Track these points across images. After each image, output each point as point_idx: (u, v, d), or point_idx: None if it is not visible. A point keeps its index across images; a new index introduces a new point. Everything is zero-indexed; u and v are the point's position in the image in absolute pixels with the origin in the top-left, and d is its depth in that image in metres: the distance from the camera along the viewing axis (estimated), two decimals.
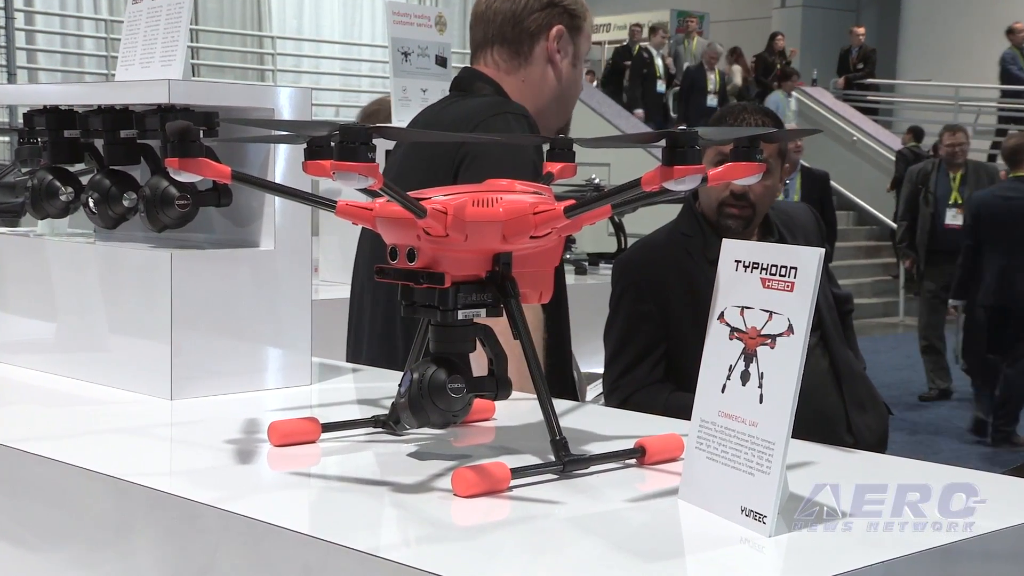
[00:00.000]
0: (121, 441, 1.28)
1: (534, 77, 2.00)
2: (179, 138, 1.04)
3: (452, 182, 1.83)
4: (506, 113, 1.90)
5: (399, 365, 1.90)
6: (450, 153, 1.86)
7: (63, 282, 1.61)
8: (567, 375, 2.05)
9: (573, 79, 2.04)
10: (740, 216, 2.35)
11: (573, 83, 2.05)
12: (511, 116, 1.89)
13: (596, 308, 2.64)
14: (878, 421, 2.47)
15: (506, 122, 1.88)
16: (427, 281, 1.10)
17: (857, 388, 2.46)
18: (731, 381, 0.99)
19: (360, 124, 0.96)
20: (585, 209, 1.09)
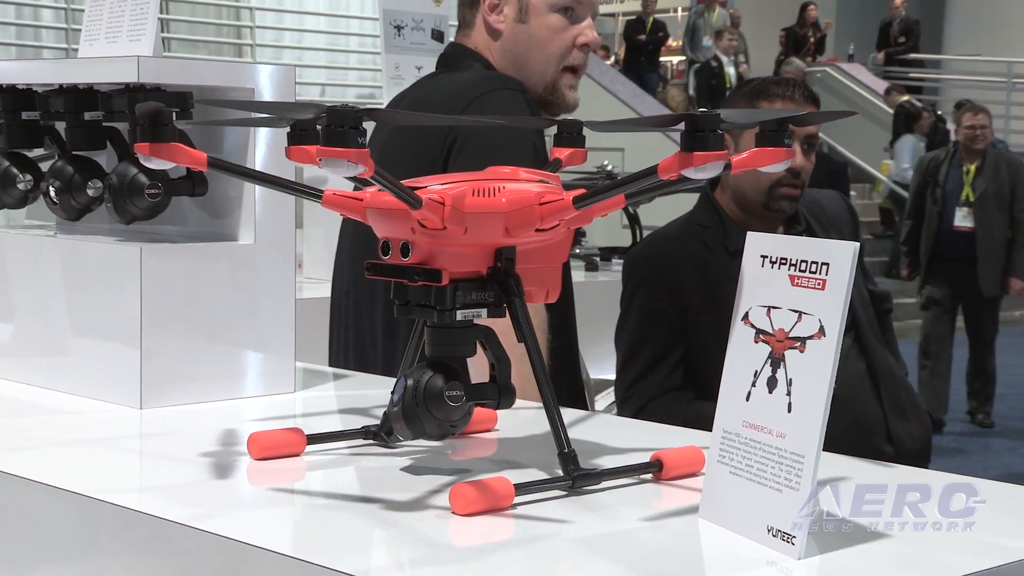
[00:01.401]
0: (86, 454, 1.29)
1: (507, 32, 1.99)
2: (150, 121, 1.04)
3: (442, 168, 1.84)
4: (502, 89, 1.90)
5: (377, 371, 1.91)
6: (439, 136, 1.86)
7: (21, 280, 1.62)
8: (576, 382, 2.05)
9: (528, 34, 2.01)
10: (795, 197, 2.36)
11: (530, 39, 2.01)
12: (507, 92, 1.89)
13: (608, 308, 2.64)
14: (921, 430, 2.47)
15: (502, 100, 1.88)
16: (422, 278, 1.10)
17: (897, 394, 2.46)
18: (756, 388, 1.00)
19: (350, 106, 0.97)
20: (596, 199, 1.10)
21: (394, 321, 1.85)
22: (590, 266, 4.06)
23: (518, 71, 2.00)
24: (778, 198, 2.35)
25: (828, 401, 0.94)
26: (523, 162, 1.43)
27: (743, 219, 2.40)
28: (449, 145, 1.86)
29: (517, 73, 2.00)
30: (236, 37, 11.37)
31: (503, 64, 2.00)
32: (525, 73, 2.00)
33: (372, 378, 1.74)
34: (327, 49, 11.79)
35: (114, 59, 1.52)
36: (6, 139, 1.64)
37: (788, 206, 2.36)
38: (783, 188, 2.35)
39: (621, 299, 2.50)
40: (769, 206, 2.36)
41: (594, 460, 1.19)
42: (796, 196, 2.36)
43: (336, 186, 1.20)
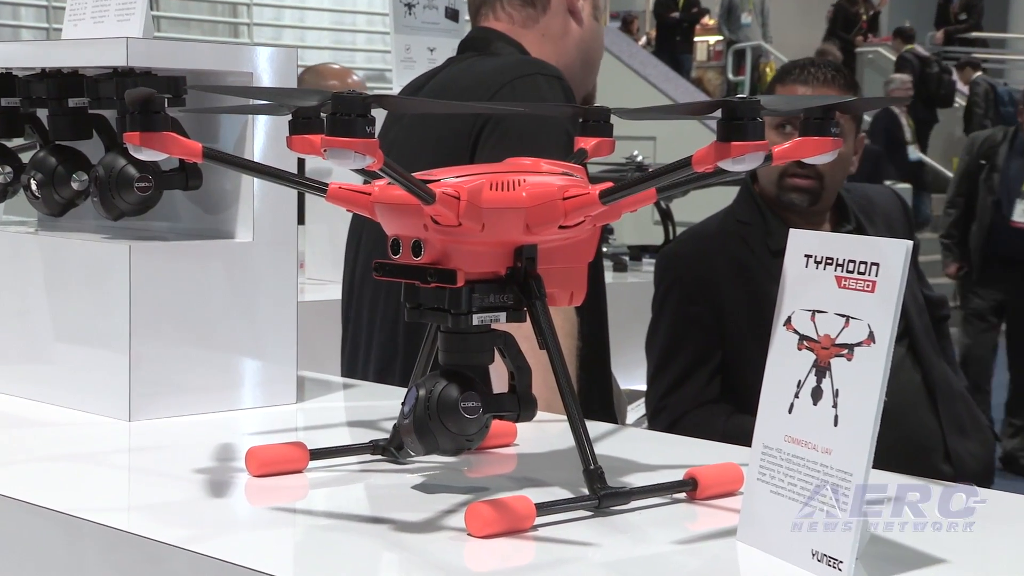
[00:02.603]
0: (70, 470, 1.30)
1: (555, 31, 2.01)
2: (140, 108, 1.05)
3: (468, 161, 1.85)
4: (536, 75, 1.91)
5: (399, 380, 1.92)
6: (466, 124, 1.87)
7: (0, 281, 1.63)
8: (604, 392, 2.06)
9: (596, 32, 2.05)
10: (806, 189, 2.36)
11: (597, 36, 2.06)
12: (542, 79, 1.90)
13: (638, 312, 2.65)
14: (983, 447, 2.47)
15: (535, 86, 1.89)
16: (436, 279, 1.11)
17: (956, 408, 2.46)
18: (800, 400, 1.00)
19: (357, 92, 0.97)
20: (625, 193, 1.10)
21: (409, 327, 1.86)
22: (618, 266, 4.06)
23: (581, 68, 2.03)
24: (787, 190, 2.36)
25: (878, 414, 0.95)
26: (556, 153, 1.44)
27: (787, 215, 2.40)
28: (478, 130, 1.86)
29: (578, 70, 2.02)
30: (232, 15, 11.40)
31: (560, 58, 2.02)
32: (586, 72, 2.03)
33: (381, 388, 1.74)
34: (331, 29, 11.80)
35: (101, 41, 1.53)
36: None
37: (800, 199, 2.36)
38: (791, 179, 2.35)
39: (653, 302, 2.50)
40: (781, 198, 2.36)
41: (623, 478, 1.19)
42: (808, 188, 2.35)
43: (342, 179, 1.21)
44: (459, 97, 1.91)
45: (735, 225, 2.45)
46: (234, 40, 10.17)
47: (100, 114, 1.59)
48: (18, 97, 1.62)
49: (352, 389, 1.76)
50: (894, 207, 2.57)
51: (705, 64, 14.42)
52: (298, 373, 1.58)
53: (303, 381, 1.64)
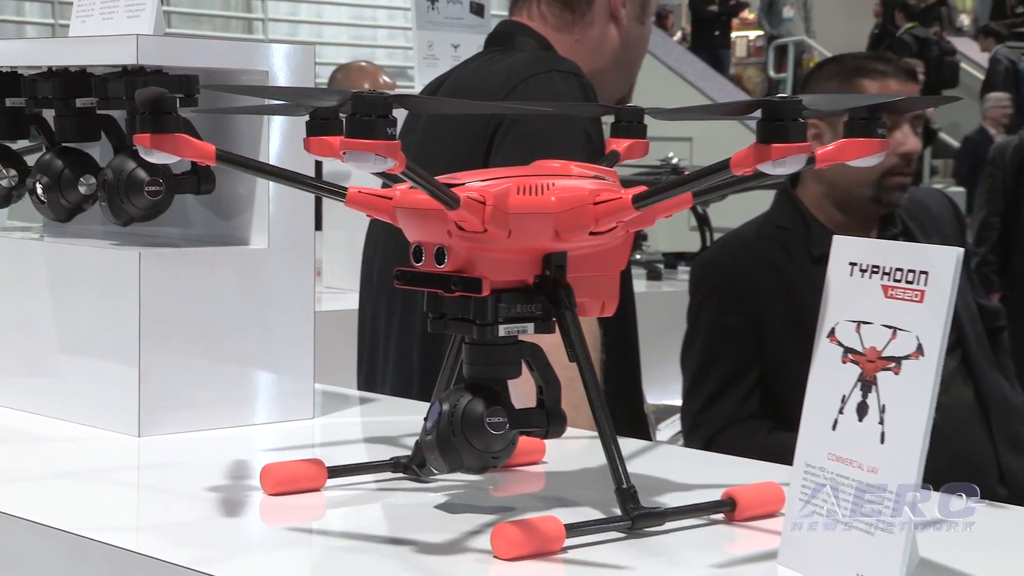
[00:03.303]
0: (76, 488, 1.30)
1: (592, 36, 2.02)
2: (150, 108, 1.06)
3: (484, 160, 1.85)
4: (552, 71, 1.91)
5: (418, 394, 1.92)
6: (481, 123, 1.87)
7: (2, 289, 1.64)
8: (636, 408, 2.06)
9: (641, 36, 2.06)
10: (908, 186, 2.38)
11: (640, 41, 2.06)
12: (558, 75, 1.90)
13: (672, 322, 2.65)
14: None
15: (552, 83, 1.89)
16: (460, 288, 1.11)
17: (1011, 424, 2.44)
18: (844, 416, 1.00)
19: (378, 92, 0.98)
20: (659, 198, 1.10)
21: (432, 337, 1.87)
22: (652, 274, 4.06)
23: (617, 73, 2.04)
24: (890, 189, 2.36)
25: (927, 431, 0.95)
26: (576, 154, 1.45)
27: (834, 219, 2.40)
28: (492, 132, 1.87)
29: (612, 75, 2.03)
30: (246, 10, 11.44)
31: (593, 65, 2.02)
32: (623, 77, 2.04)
33: (402, 403, 1.75)
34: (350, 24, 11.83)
35: (110, 38, 1.54)
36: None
37: (900, 198, 2.37)
38: (896, 178, 2.35)
39: (688, 312, 2.50)
40: (880, 199, 2.36)
41: (657, 497, 1.19)
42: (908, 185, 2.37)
43: (361, 183, 1.21)
44: (472, 97, 1.92)
45: (774, 231, 2.44)
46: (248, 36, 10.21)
47: (109, 115, 1.60)
48: (23, 97, 1.62)
49: (371, 403, 1.76)
50: (944, 211, 2.56)
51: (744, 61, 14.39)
52: (315, 386, 1.59)
53: (320, 395, 1.64)
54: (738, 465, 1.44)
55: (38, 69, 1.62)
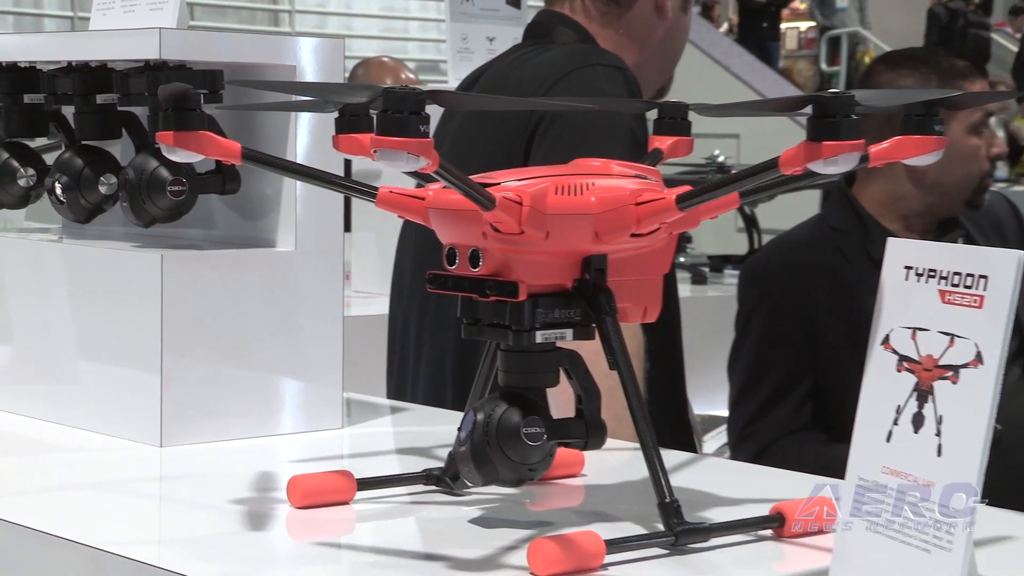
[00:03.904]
0: (97, 500, 1.31)
1: (636, 29, 2.02)
2: (174, 105, 1.07)
3: (523, 159, 1.86)
4: (595, 65, 1.92)
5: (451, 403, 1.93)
6: (520, 120, 1.88)
7: (19, 293, 1.65)
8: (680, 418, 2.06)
9: (684, 27, 2.06)
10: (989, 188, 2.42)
11: (683, 32, 2.06)
12: (601, 69, 1.91)
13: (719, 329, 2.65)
14: None
15: (595, 77, 1.90)
16: (496, 292, 1.12)
17: None
18: (899, 427, 1.00)
19: (410, 87, 0.98)
20: (705, 198, 1.10)
21: (466, 344, 1.87)
22: (697, 278, 4.06)
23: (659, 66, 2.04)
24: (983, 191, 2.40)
25: (987, 443, 0.94)
26: (618, 152, 1.45)
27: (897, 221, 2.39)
28: (531, 130, 1.87)
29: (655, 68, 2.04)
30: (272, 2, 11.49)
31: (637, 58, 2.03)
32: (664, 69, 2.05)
33: (434, 412, 1.75)
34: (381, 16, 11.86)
35: (131, 32, 1.55)
36: (5, 126, 1.67)
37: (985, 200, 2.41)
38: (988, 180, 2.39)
39: (736, 319, 2.50)
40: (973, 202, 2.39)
41: (702, 512, 1.19)
42: None
43: (393, 182, 1.22)
44: (510, 93, 1.92)
45: (829, 233, 2.44)
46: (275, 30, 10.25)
47: (130, 112, 1.61)
48: (42, 93, 1.64)
49: (402, 413, 1.77)
50: (1004, 212, 2.55)
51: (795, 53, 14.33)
52: (344, 395, 1.59)
53: (349, 404, 1.65)
54: (787, 479, 1.44)
55: (57, 64, 1.63)
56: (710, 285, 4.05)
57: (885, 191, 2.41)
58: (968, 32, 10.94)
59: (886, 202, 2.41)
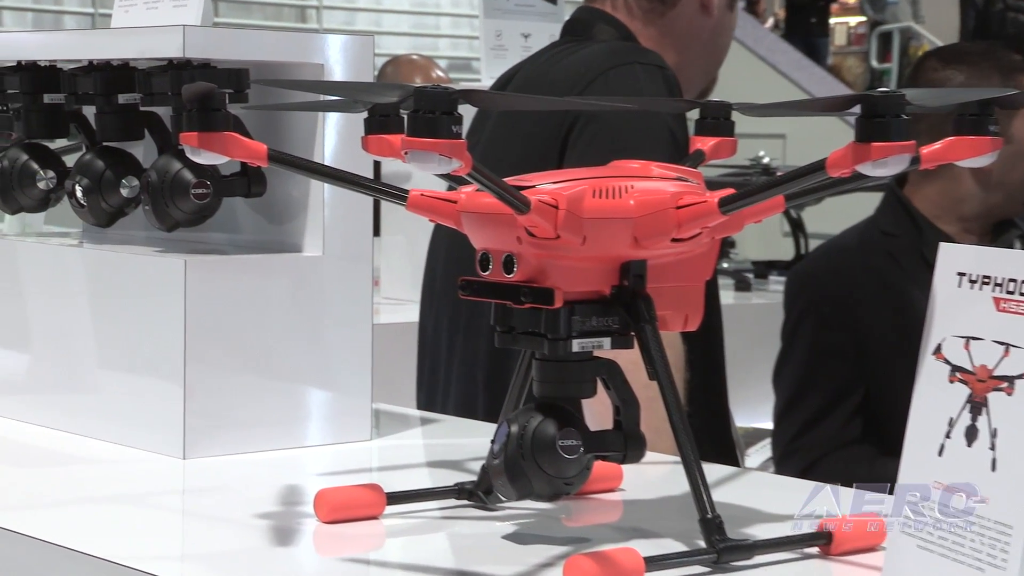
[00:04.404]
0: (117, 513, 1.32)
1: (680, 27, 2.02)
2: (198, 105, 1.07)
3: (557, 161, 1.86)
4: (633, 63, 1.92)
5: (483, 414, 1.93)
6: (555, 120, 1.88)
7: (38, 299, 1.67)
8: (723, 431, 2.06)
9: (729, 24, 2.06)
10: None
11: (728, 29, 2.07)
12: (640, 67, 1.91)
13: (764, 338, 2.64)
14: None
15: (633, 75, 1.90)
16: (530, 299, 1.12)
17: None
18: (951, 440, 0.99)
19: (442, 87, 0.99)
20: (748, 201, 1.10)
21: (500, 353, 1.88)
22: (741, 285, 4.05)
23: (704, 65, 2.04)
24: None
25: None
26: (657, 153, 1.45)
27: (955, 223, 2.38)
28: (566, 131, 1.88)
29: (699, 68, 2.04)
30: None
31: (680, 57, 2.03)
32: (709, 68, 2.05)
33: (466, 424, 1.76)
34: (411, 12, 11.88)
35: (154, 29, 1.56)
36: (24, 127, 1.68)
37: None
38: None
39: (783, 328, 2.49)
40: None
41: (745, 529, 1.19)
42: None
43: (424, 185, 1.22)
44: (545, 92, 1.92)
45: (880, 237, 2.43)
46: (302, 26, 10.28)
47: (153, 112, 1.62)
48: (62, 93, 1.65)
49: (433, 424, 1.77)
50: None
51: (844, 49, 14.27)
52: (373, 406, 1.60)
53: (378, 415, 1.66)
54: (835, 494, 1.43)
55: (78, 63, 1.64)
56: (754, 292, 4.05)
57: (943, 192, 2.40)
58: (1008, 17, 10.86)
59: (944, 203, 2.40)
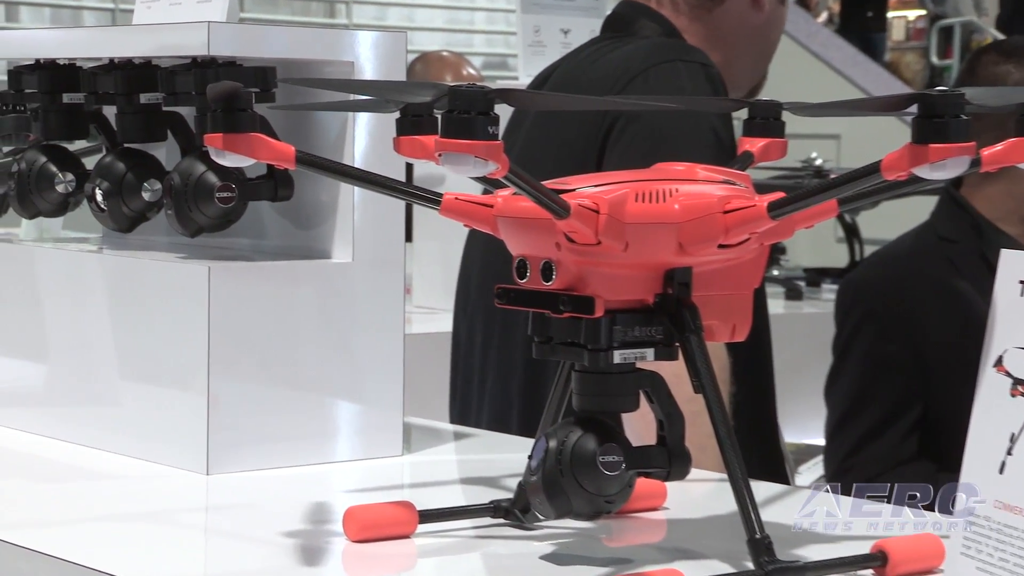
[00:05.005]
0: (138, 531, 1.33)
1: (728, 23, 2.02)
2: (223, 105, 1.08)
3: (597, 164, 1.86)
4: (676, 61, 1.92)
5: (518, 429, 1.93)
6: (595, 121, 1.88)
7: (56, 308, 1.68)
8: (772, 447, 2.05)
9: (780, 19, 2.06)
10: None
11: (779, 24, 2.06)
12: (683, 65, 1.91)
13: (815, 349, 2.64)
14: None
15: (675, 73, 1.90)
16: (570, 308, 1.12)
17: None
18: (1013, 457, 0.99)
19: (478, 86, 0.99)
20: (799, 205, 1.10)
21: (536, 365, 1.88)
22: (792, 293, 4.04)
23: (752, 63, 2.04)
24: None
25: None
26: (702, 155, 1.45)
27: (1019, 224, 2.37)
28: (605, 132, 1.88)
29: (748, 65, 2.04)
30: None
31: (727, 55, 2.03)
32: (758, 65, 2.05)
33: (502, 438, 1.76)
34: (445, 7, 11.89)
35: (178, 26, 1.57)
36: (42, 128, 1.69)
37: None
38: None
39: (835, 340, 2.49)
40: None
41: (795, 550, 1.19)
42: None
43: (458, 188, 1.23)
44: (585, 91, 1.92)
45: (937, 243, 2.42)
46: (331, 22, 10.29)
47: (176, 112, 1.62)
48: (82, 93, 1.65)
49: (467, 439, 1.77)
50: None
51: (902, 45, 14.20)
52: (404, 419, 1.60)
53: (410, 429, 1.66)
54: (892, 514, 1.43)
55: (98, 61, 1.65)
56: (806, 301, 4.03)
57: (1006, 192, 2.39)
58: None
59: (1007, 204, 2.39)
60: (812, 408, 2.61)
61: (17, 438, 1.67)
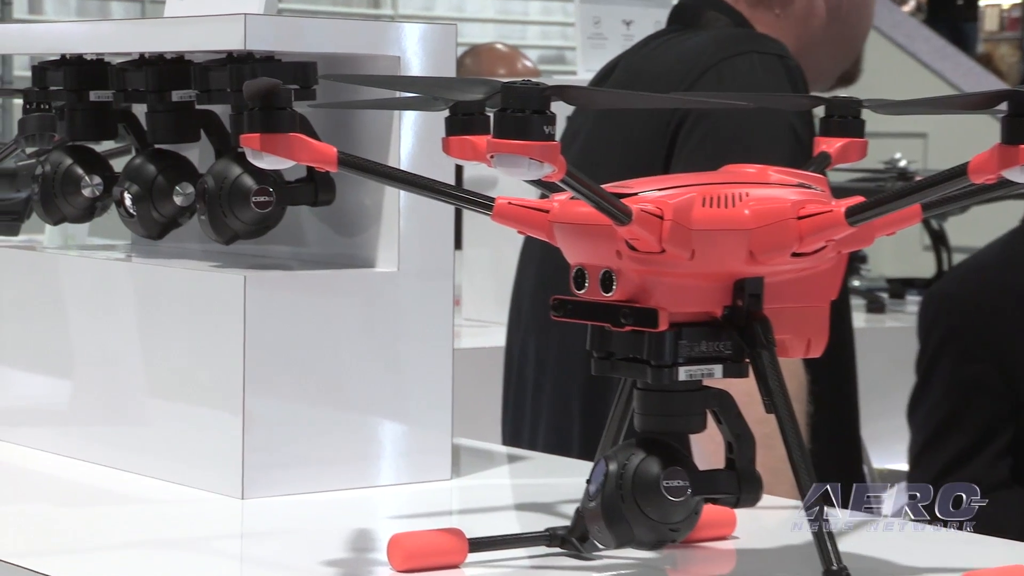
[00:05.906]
0: (169, 560, 1.34)
1: (797, 8, 2.02)
2: (261, 103, 1.09)
3: (663, 166, 1.86)
4: (750, 53, 1.92)
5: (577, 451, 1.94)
6: (661, 120, 1.88)
7: (82, 319, 1.69)
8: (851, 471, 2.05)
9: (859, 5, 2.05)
10: None
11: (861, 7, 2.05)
12: (757, 57, 1.91)
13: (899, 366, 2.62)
14: None
15: (750, 67, 1.90)
16: (632, 321, 1.12)
17: None
18: None
19: (533, 82, 1.00)
20: (880, 211, 1.10)
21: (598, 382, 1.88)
22: (873, 306, 4.02)
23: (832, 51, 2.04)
24: None
25: None
26: (777, 156, 1.45)
27: None
28: (673, 131, 1.88)
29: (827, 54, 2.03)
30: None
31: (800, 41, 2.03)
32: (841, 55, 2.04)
33: (558, 461, 1.76)
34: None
35: (212, 19, 1.57)
36: (68, 128, 1.70)
37: None
38: None
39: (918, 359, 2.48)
40: None
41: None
42: None
43: (512, 192, 1.23)
44: (650, 87, 1.93)
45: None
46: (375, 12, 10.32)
47: (210, 111, 1.63)
48: (110, 90, 1.66)
49: (521, 462, 1.78)
50: None
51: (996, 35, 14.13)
52: (453, 441, 1.60)
53: (459, 451, 1.66)
54: (981, 544, 1.42)
55: (127, 56, 1.66)
56: (889, 314, 4.01)
57: None
58: None
59: None
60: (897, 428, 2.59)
61: (40, 459, 1.68)
